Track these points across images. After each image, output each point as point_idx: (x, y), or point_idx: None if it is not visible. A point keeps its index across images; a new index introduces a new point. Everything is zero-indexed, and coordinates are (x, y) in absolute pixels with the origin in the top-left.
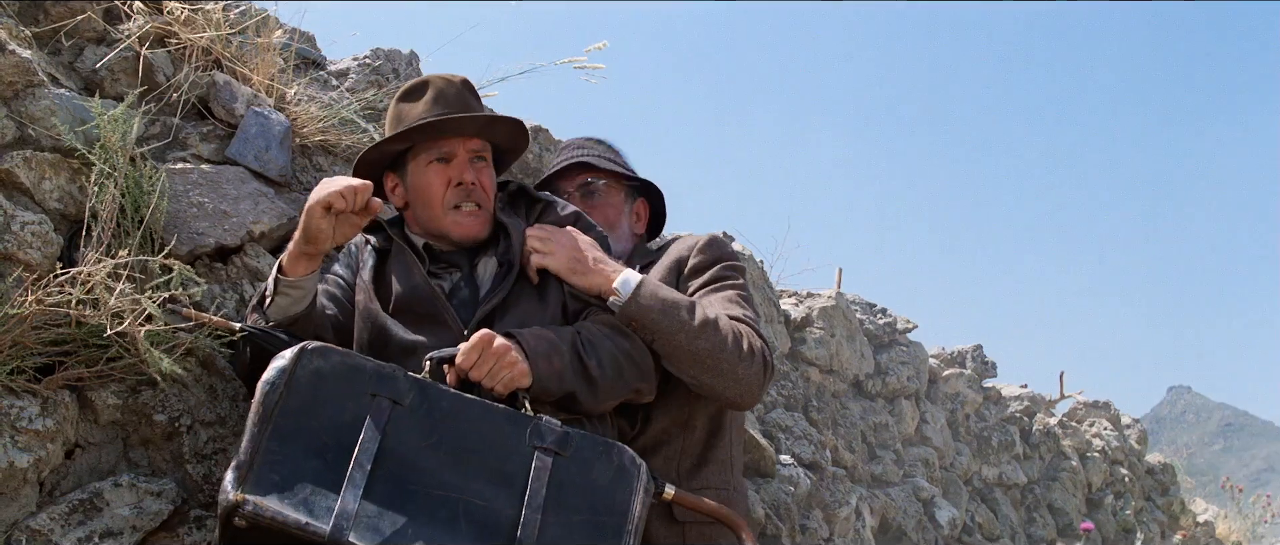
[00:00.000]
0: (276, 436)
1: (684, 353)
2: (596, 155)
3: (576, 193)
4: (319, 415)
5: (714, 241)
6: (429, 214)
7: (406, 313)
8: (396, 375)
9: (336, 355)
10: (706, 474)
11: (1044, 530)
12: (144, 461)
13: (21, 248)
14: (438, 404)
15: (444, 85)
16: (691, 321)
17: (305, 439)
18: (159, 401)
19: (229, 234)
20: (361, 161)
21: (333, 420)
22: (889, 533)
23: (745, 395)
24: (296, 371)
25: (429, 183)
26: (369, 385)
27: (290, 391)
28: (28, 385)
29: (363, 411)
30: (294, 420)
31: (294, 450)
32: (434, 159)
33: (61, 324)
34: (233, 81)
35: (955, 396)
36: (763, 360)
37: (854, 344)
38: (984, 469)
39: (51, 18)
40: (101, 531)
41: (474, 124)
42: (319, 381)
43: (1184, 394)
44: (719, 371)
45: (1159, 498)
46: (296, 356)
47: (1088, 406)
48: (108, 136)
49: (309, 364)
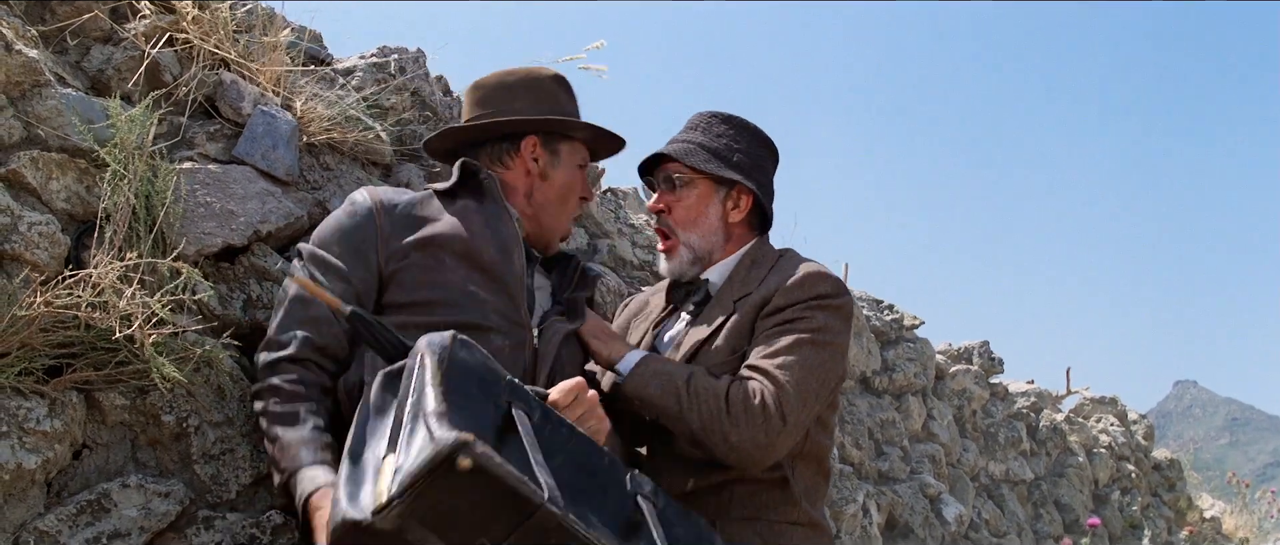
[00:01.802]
0: (453, 394)
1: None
2: (691, 144)
3: (661, 183)
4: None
5: (808, 280)
6: (559, 208)
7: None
8: (527, 390)
9: (480, 354)
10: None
11: (1051, 526)
12: (152, 462)
13: (29, 248)
14: (558, 429)
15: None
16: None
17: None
18: (167, 402)
19: (236, 234)
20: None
21: (479, 409)
22: (896, 529)
23: (743, 460)
24: (453, 353)
25: (575, 183)
26: (505, 392)
27: (452, 367)
28: (35, 386)
29: (499, 412)
30: (456, 394)
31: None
32: (581, 164)
33: (70, 326)
34: (240, 80)
35: (962, 393)
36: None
37: (861, 341)
38: (991, 465)
39: (58, 17)
40: (109, 532)
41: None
42: (465, 373)
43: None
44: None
45: (1165, 493)
46: (453, 339)
47: (1094, 402)
48: (124, 137)
49: (458, 352)
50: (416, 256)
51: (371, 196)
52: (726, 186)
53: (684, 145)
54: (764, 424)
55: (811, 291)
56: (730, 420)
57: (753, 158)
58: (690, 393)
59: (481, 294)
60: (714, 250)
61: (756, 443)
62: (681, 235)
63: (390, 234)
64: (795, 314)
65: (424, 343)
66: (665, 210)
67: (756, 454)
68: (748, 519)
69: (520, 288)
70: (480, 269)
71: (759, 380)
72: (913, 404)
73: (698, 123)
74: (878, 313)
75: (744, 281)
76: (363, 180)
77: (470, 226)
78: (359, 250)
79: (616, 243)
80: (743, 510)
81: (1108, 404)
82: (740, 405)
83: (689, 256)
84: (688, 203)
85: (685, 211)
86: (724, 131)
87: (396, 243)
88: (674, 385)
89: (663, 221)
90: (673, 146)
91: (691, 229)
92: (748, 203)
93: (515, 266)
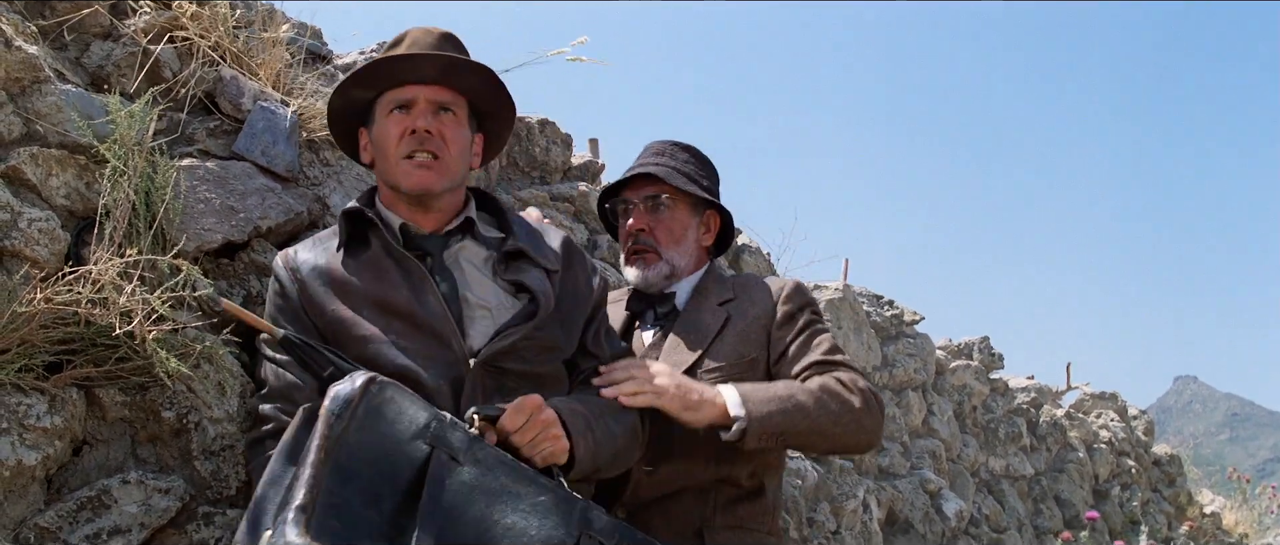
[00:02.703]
0: (336, 475)
1: (815, 437)
2: (670, 167)
3: (642, 204)
4: (375, 457)
5: (800, 288)
6: (386, 166)
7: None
8: (455, 429)
9: (400, 394)
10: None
11: (1051, 522)
12: (152, 458)
13: (29, 245)
14: (492, 470)
15: (421, 35)
16: (809, 406)
17: (361, 482)
18: (167, 398)
19: (236, 230)
20: (331, 113)
21: (389, 465)
22: (896, 525)
23: (872, 441)
24: (360, 406)
25: (387, 131)
26: (427, 433)
27: (352, 425)
28: (36, 383)
29: (417, 458)
30: (353, 458)
31: (351, 495)
32: (394, 107)
33: (70, 323)
34: (239, 76)
35: (962, 388)
36: (875, 400)
37: (861, 336)
38: (991, 461)
39: (57, 13)
40: (109, 529)
41: (434, 64)
42: (379, 420)
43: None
44: (846, 437)
45: (1166, 489)
46: (363, 388)
47: (1094, 398)
48: (124, 133)
49: (372, 399)
50: (339, 315)
51: (285, 264)
52: (701, 211)
53: (667, 169)
54: (879, 403)
55: (807, 297)
56: (862, 408)
57: (713, 184)
58: (814, 401)
59: (402, 343)
60: (686, 268)
61: (881, 421)
62: (664, 252)
63: (312, 295)
64: (809, 318)
65: (328, 398)
66: (645, 230)
67: (881, 432)
68: (732, 528)
69: (443, 322)
70: (397, 316)
71: (839, 371)
72: (913, 399)
73: (662, 150)
74: (878, 308)
75: (718, 293)
76: (362, 177)
77: (379, 273)
78: (297, 318)
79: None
80: (726, 519)
81: (1108, 399)
82: (858, 394)
83: (667, 270)
84: (670, 224)
85: (667, 232)
86: (687, 159)
87: (316, 301)
88: (794, 403)
89: (644, 240)
90: (659, 169)
91: (673, 247)
92: (716, 226)
93: (431, 305)
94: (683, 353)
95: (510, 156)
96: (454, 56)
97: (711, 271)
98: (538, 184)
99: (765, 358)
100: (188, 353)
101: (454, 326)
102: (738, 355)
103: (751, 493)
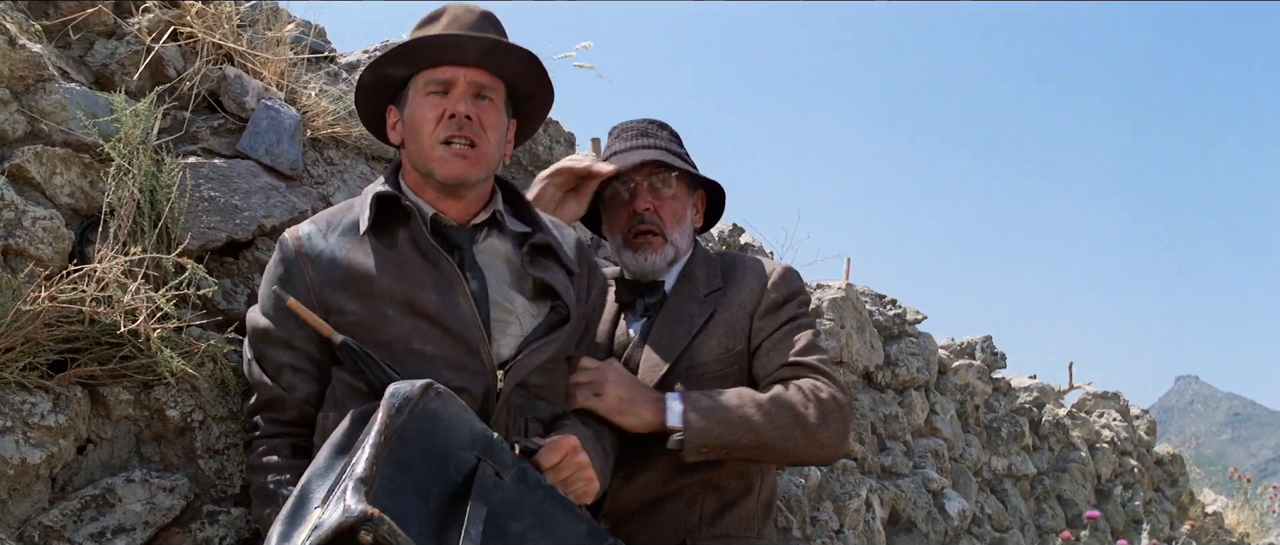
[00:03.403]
0: (392, 462)
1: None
2: (665, 148)
3: (646, 187)
4: (428, 455)
5: (789, 275)
6: (418, 149)
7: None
8: (504, 446)
9: (455, 404)
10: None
11: (1053, 521)
12: (156, 457)
13: (33, 243)
14: (533, 491)
15: (461, 12)
16: (756, 419)
17: (415, 475)
18: (171, 397)
19: (241, 228)
20: (361, 89)
21: (441, 465)
22: (899, 524)
23: (831, 455)
24: (419, 406)
25: (423, 114)
26: (477, 446)
27: (411, 423)
28: (40, 381)
29: (465, 466)
30: (408, 451)
31: (404, 483)
32: (432, 90)
33: (74, 321)
34: (244, 75)
35: (965, 388)
36: (837, 409)
37: (864, 335)
38: (993, 460)
39: (61, 12)
40: (114, 527)
41: (477, 47)
42: (434, 424)
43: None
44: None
45: (1168, 488)
46: (423, 390)
47: (1097, 397)
48: (129, 132)
49: (430, 403)
50: (355, 310)
51: (295, 247)
52: (694, 190)
53: (661, 151)
54: (841, 413)
55: (795, 285)
56: (817, 421)
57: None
58: (763, 414)
59: (429, 350)
60: (684, 251)
61: (841, 433)
62: (669, 234)
63: (321, 285)
64: (794, 310)
65: (388, 393)
66: (651, 209)
67: (842, 445)
68: (717, 538)
69: (473, 328)
70: (425, 318)
71: (810, 377)
72: (915, 399)
73: (644, 130)
74: (880, 308)
75: (706, 279)
76: (366, 175)
77: (406, 269)
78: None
79: None
80: (711, 529)
81: (1110, 399)
82: (814, 404)
83: (672, 254)
84: (673, 205)
85: (672, 213)
86: (669, 137)
87: (330, 294)
88: (739, 415)
89: (652, 220)
90: (657, 153)
91: (676, 228)
92: (703, 206)
93: (461, 309)
94: (664, 349)
95: (514, 155)
96: (498, 39)
97: (697, 252)
98: None
99: (747, 348)
100: (192, 351)
101: (483, 334)
102: (722, 349)
103: (739, 496)
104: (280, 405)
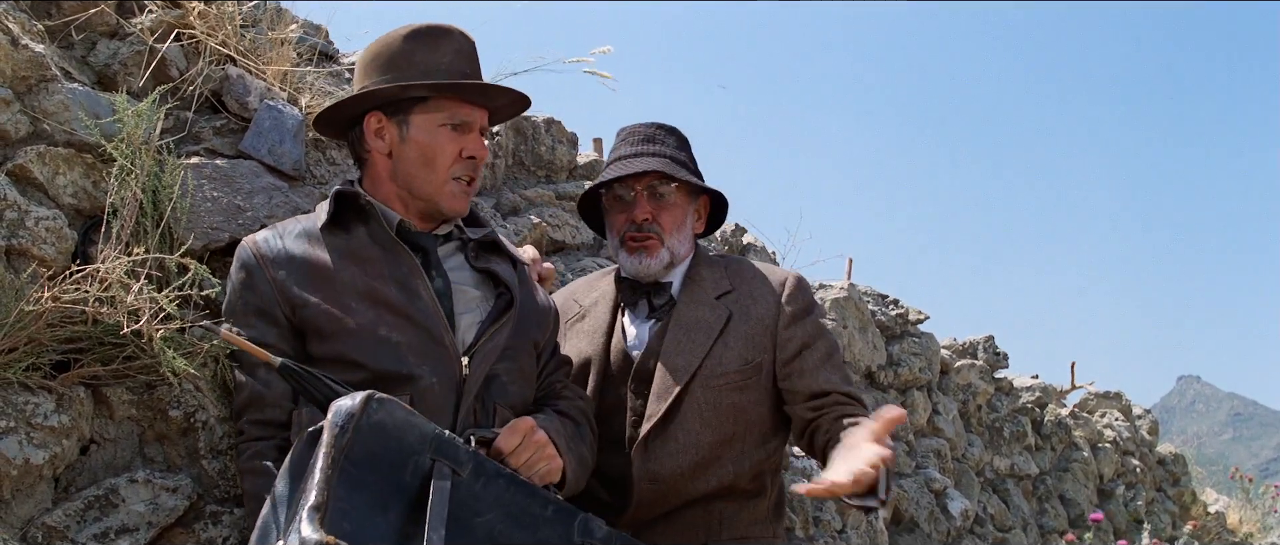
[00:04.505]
0: (344, 483)
1: None
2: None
3: (645, 194)
4: (381, 467)
5: (803, 284)
6: (426, 175)
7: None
8: (456, 443)
9: (400, 411)
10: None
11: (1056, 521)
12: (159, 457)
13: (36, 243)
14: (492, 482)
15: (463, 42)
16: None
17: (369, 491)
18: (174, 397)
19: (243, 228)
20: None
21: (395, 475)
22: (902, 524)
23: None
24: (362, 420)
25: (440, 146)
26: (430, 448)
27: (356, 439)
28: (43, 382)
29: (421, 472)
30: (360, 468)
31: (360, 502)
32: (451, 124)
33: (77, 321)
34: (246, 75)
35: (967, 387)
36: None
37: (866, 335)
38: (996, 460)
39: (64, 12)
40: (117, 528)
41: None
42: (382, 435)
43: (1193, 384)
44: None
45: (1170, 488)
46: (363, 404)
47: (1099, 397)
48: (131, 132)
49: (373, 414)
50: (319, 304)
51: (253, 252)
52: (697, 197)
53: (664, 160)
54: None
55: (810, 294)
56: None
57: (696, 164)
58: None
59: (394, 336)
60: (683, 255)
61: None
62: (666, 240)
63: (286, 282)
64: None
65: (331, 414)
66: (650, 218)
67: None
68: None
69: (435, 317)
70: (387, 308)
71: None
72: (918, 399)
73: (650, 135)
74: (883, 307)
75: (713, 282)
76: None
77: (366, 263)
78: (264, 311)
79: None
80: (732, 530)
81: (1113, 399)
82: None
83: (668, 258)
84: (673, 213)
85: (671, 220)
86: (676, 143)
87: (294, 292)
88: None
89: (650, 228)
90: (659, 162)
91: (674, 235)
92: (706, 213)
93: (423, 299)
94: (684, 355)
95: (516, 156)
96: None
97: (699, 255)
98: (544, 183)
99: (770, 360)
100: (195, 351)
101: (446, 323)
102: (743, 360)
103: (753, 497)
104: (260, 403)
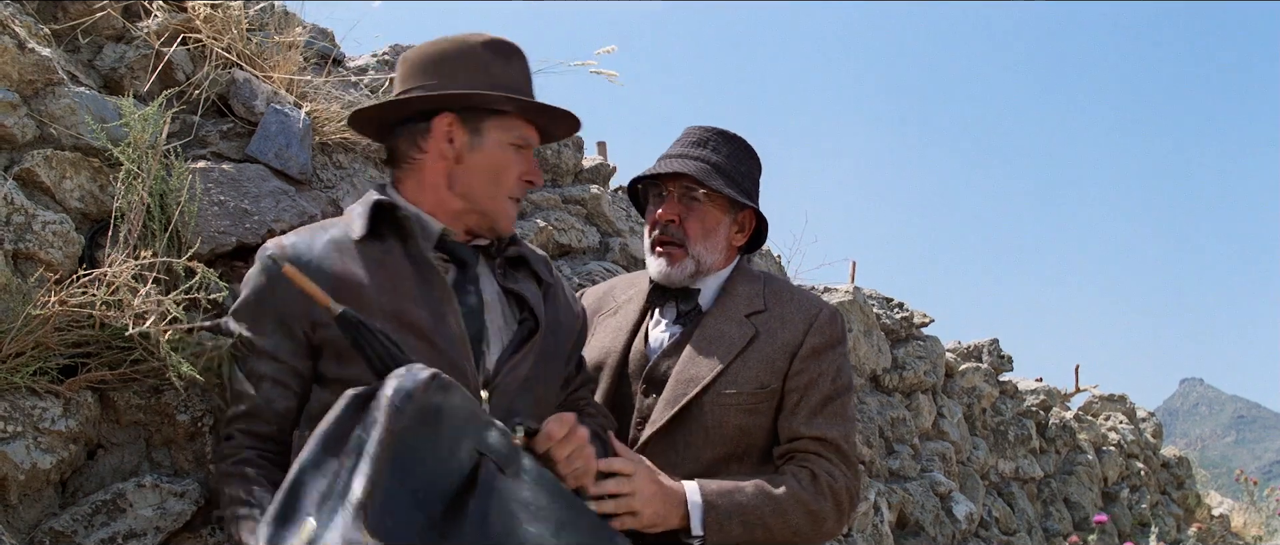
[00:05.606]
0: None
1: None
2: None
3: (676, 196)
4: (429, 458)
5: (835, 320)
6: (491, 190)
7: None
8: (506, 437)
9: (460, 395)
10: None
11: (1060, 524)
12: (167, 462)
13: (43, 247)
14: (538, 484)
15: (526, 63)
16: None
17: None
18: (181, 401)
19: (250, 232)
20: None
21: (441, 468)
22: (907, 527)
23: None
24: (423, 401)
25: (507, 163)
26: (480, 440)
27: (412, 422)
28: (50, 386)
29: (466, 464)
30: (411, 456)
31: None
32: (516, 143)
33: (84, 325)
34: (253, 79)
35: (972, 391)
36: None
37: (871, 339)
38: (1001, 463)
39: (70, 15)
40: (124, 532)
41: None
42: (437, 420)
43: (1196, 386)
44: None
45: (1174, 491)
46: (427, 383)
47: (1103, 400)
48: (137, 136)
49: (433, 396)
50: None
51: (281, 255)
52: (737, 209)
53: (702, 165)
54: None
55: (838, 332)
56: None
57: (753, 180)
58: (779, 517)
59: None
60: (714, 265)
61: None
62: (691, 247)
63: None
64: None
65: (391, 387)
66: (675, 221)
67: (840, 529)
68: None
69: (459, 347)
70: (413, 331)
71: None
72: (923, 402)
73: (704, 139)
74: (888, 311)
75: (748, 299)
76: (376, 179)
77: (397, 282)
78: (282, 322)
79: (628, 241)
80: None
81: (1117, 402)
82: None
83: (692, 267)
84: (702, 217)
85: (699, 226)
86: (731, 152)
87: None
88: (757, 516)
89: (672, 231)
90: (693, 166)
91: (701, 243)
92: (750, 227)
93: (449, 326)
94: (701, 366)
95: None
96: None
97: (740, 269)
98: (549, 187)
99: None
100: (202, 355)
101: (469, 352)
102: (757, 383)
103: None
104: (257, 416)
